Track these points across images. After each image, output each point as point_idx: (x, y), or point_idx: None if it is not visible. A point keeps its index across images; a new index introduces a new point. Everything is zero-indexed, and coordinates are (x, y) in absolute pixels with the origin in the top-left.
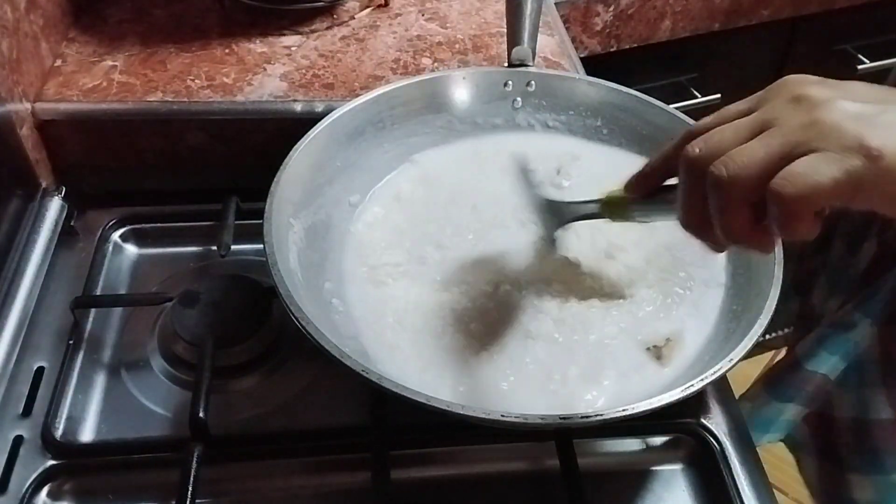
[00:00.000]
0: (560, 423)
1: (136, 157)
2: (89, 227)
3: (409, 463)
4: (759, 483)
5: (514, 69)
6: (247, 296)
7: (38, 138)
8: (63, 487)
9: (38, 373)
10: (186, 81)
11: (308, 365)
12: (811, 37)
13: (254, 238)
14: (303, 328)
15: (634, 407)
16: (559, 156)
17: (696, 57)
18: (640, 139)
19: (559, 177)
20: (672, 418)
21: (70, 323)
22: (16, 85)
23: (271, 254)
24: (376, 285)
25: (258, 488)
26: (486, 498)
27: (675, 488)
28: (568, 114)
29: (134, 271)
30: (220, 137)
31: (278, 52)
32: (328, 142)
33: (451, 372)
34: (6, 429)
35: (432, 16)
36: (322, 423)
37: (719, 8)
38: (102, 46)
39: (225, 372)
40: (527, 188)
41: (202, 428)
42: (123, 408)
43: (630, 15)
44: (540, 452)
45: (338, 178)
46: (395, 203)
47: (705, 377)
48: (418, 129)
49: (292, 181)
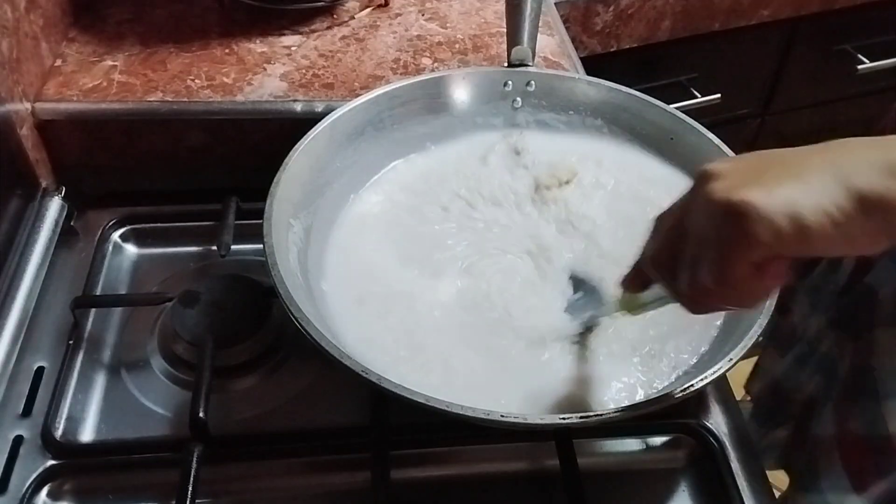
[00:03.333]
0: (559, 423)
1: (136, 157)
2: (89, 227)
3: (409, 463)
4: (759, 483)
5: (513, 69)
6: (247, 296)
7: (38, 138)
8: (63, 487)
9: (38, 373)
10: (186, 81)
11: (308, 365)
12: (811, 37)
13: (254, 238)
14: (302, 328)
15: (634, 407)
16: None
17: (696, 57)
18: (641, 139)
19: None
20: (672, 418)
21: (70, 323)
22: (16, 85)
23: (271, 254)
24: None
25: (258, 488)
26: (486, 498)
27: (675, 488)
28: (568, 114)
29: (134, 271)
30: (220, 137)
31: (278, 52)
32: (328, 142)
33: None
34: (6, 429)
35: (432, 16)
36: (322, 423)
37: (719, 8)
38: (102, 46)
39: (225, 372)
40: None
41: (202, 428)
42: (123, 408)
43: (630, 15)
44: (540, 452)
45: (338, 179)
46: (394, 203)
47: (705, 377)
48: (418, 129)
49: (292, 181)
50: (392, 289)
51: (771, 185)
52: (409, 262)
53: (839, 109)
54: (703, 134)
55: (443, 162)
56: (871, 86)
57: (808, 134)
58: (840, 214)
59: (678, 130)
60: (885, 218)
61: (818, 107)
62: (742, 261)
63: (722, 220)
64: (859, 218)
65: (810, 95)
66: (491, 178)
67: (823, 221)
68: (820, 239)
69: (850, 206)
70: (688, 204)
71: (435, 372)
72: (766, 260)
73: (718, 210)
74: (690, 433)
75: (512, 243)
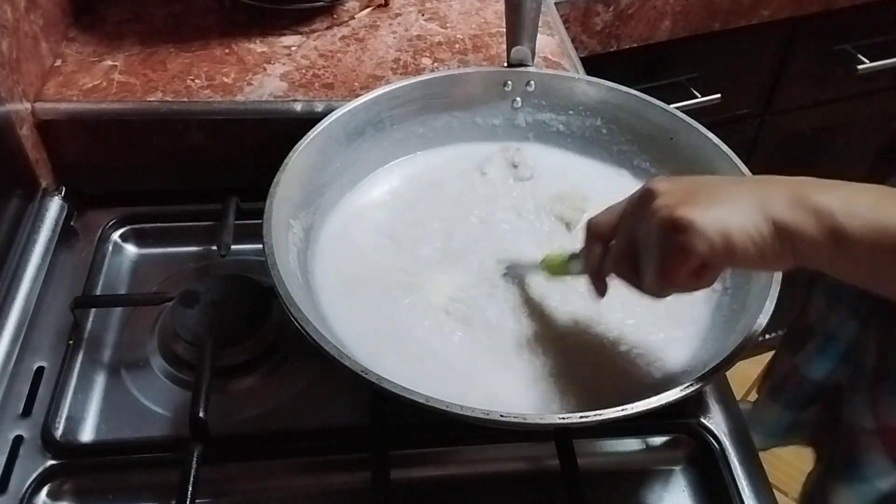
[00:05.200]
0: (559, 423)
1: (135, 157)
2: (89, 227)
3: (409, 463)
4: (759, 483)
5: (513, 69)
6: (247, 296)
7: (38, 138)
8: (63, 487)
9: (38, 373)
10: (186, 81)
11: (308, 365)
12: (811, 37)
13: (254, 238)
14: (302, 328)
15: (634, 407)
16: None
17: (696, 57)
18: (640, 139)
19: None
20: (672, 418)
21: (70, 323)
22: (16, 85)
23: (271, 254)
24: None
25: (258, 488)
26: (485, 498)
27: (675, 488)
28: (567, 114)
29: (134, 271)
30: (220, 137)
31: (278, 52)
32: (328, 142)
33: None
34: (6, 429)
35: (432, 16)
36: (322, 423)
37: (719, 8)
38: (102, 46)
39: (225, 372)
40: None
41: (202, 428)
42: (123, 408)
43: (630, 15)
44: (540, 452)
45: (338, 179)
46: (393, 203)
47: (705, 377)
48: (418, 130)
49: (292, 181)
50: (382, 281)
51: (706, 207)
52: (401, 256)
53: (839, 109)
54: (703, 134)
55: (442, 162)
56: (871, 86)
57: (808, 134)
58: (758, 236)
59: (678, 130)
60: (791, 242)
61: (818, 107)
62: (681, 268)
63: (665, 233)
64: (773, 240)
65: (810, 95)
66: (489, 179)
67: (746, 240)
68: (742, 254)
69: (767, 230)
70: (628, 215)
71: (427, 362)
72: (700, 267)
73: (664, 225)
74: (690, 433)
75: (506, 241)
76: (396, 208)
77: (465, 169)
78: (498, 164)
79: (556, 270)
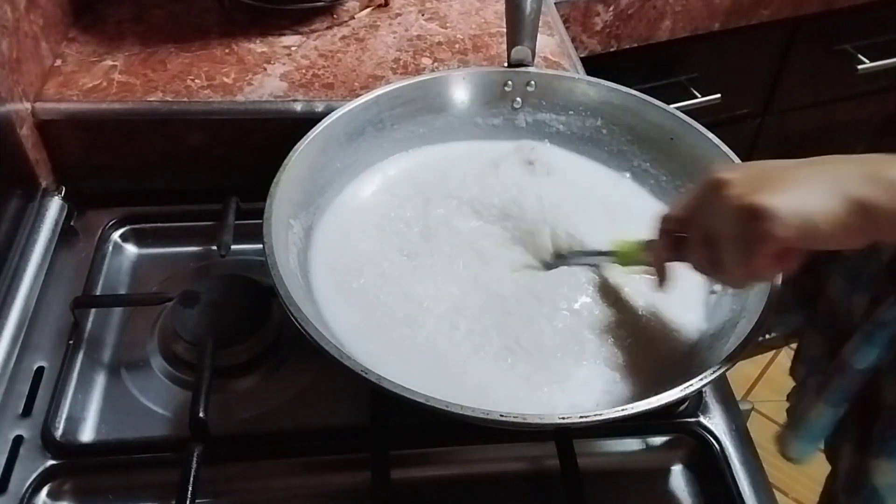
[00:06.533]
0: (559, 423)
1: (136, 157)
2: (89, 227)
3: (409, 463)
4: (759, 483)
5: (513, 69)
6: (247, 296)
7: (38, 138)
8: (63, 487)
9: (38, 373)
10: (186, 81)
11: (308, 365)
12: (811, 37)
13: (254, 238)
14: (302, 329)
15: (634, 407)
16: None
17: (696, 57)
18: (640, 139)
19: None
20: (672, 418)
21: (70, 323)
22: (16, 85)
23: (271, 254)
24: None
25: (258, 488)
26: (486, 498)
27: (675, 488)
28: (568, 114)
29: (134, 271)
30: (220, 137)
31: (278, 52)
32: (328, 142)
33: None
34: (6, 429)
35: (432, 16)
36: (322, 423)
37: (719, 8)
38: (102, 46)
39: (225, 372)
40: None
41: (202, 428)
42: (123, 408)
43: (630, 15)
44: (540, 452)
45: (338, 179)
46: (393, 203)
47: (705, 377)
48: (418, 130)
49: (292, 181)
50: (377, 274)
51: (780, 191)
52: (398, 252)
53: (839, 109)
54: (704, 134)
55: (442, 162)
56: (871, 86)
57: (808, 134)
58: (837, 215)
59: (678, 130)
60: (867, 218)
61: (818, 107)
62: (762, 254)
63: (744, 222)
64: (848, 218)
65: (810, 95)
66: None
67: (825, 221)
68: (823, 235)
69: (844, 209)
70: (699, 206)
71: (428, 360)
72: (780, 252)
73: (739, 213)
74: (690, 433)
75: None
76: (395, 206)
77: (465, 168)
78: (512, 163)
79: (627, 260)
